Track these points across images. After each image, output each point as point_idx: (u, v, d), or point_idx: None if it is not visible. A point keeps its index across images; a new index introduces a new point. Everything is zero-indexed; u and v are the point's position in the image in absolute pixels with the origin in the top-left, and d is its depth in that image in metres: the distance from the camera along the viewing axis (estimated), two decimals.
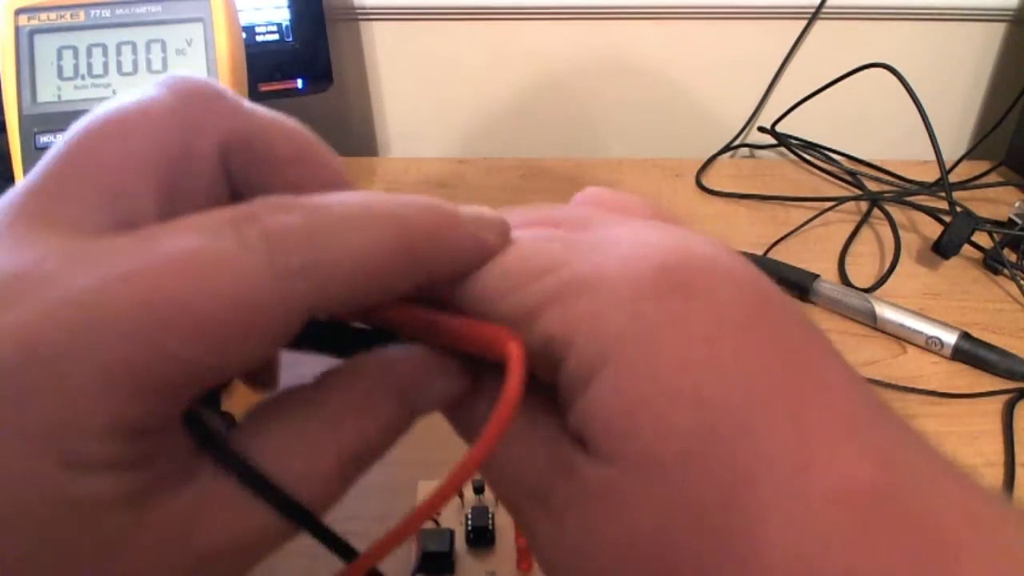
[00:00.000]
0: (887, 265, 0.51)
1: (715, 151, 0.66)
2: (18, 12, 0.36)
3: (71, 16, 0.36)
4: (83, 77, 0.37)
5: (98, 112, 0.17)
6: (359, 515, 0.34)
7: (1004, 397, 0.40)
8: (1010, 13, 0.63)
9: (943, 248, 0.50)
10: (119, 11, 0.37)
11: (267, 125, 0.18)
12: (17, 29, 0.36)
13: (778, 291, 0.18)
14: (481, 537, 0.30)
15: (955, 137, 0.69)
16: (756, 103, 0.68)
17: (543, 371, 0.17)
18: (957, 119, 0.69)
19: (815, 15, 0.63)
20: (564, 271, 0.17)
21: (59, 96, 0.36)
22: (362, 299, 0.16)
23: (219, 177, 0.17)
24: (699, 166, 0.63)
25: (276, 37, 0.55)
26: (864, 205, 0.57)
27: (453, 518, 0.31)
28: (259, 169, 0.18)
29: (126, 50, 0.37)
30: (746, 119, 0.69)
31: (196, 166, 0.17)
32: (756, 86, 0.67)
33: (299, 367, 0.18)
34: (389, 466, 0.29)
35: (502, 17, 0.65)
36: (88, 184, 0.16)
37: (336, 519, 0.35)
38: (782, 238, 0.54)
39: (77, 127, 0.17)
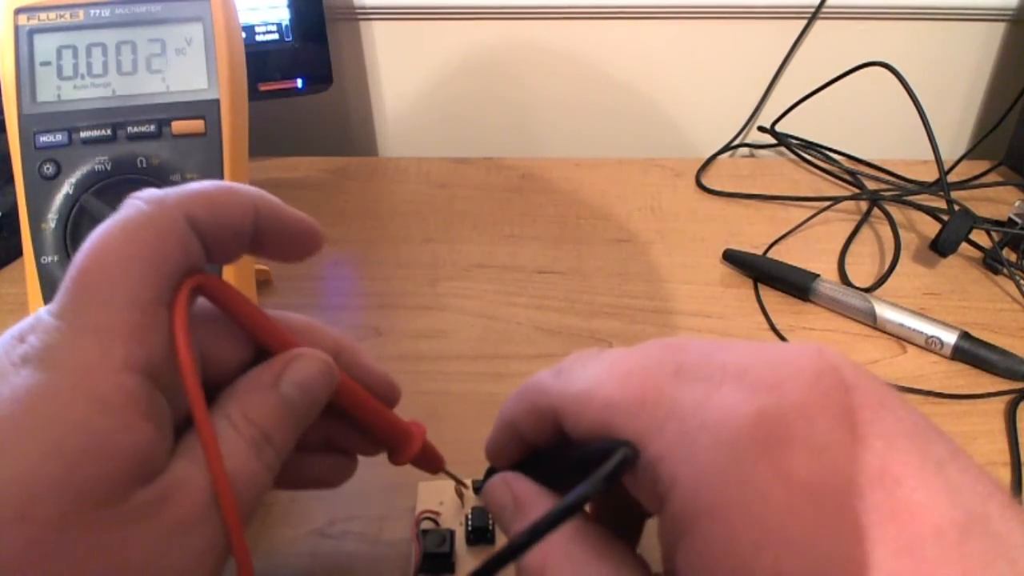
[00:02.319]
0: (887, 265, 0.51)
1: (715, 151, 0.66)
2: (17, 11, 0.36)
3: (70, 16, 0.36)
4: (82, 77, 0.36)
5: (97, 235, 0.20)
6: (359, 515, 0.34)
7: (1005, 397, 0.40)
8: (1010, 13, 0.63)
9: (941, 246, 0.50)
10: (119, 10, 0.37)
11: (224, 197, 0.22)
12: (16, 28, 0.36)
13: (877, 403, 0.18)
14: (481, 537, 0.30)
15: (955, 137, 0.70)
16: (756, 103, 0.68)
17: (648, 499, 0.19)
18: (957, 119, 0.69)
19: (815, 15, 0.63)
20: (664, 404, 0.19)
21: (59, 96, 0.36)
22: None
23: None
24: (699, 166, 0.63)
25: (276, 37, 0.55)
26: (864, 205, 0.57)
27: (453, 518, 0.31)
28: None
29: (125, 49, 0.37)
30: (746, 119, 0.69)
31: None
32: (756, 86, 0.67)
33: None
34: (389, 466, 0.29)
35: (503, 17, 0.65)
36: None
37: (337, 518, 0.35)
38: (782, 237, 0.54)
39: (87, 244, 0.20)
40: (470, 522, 0.30)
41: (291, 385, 0.22)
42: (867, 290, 0.48)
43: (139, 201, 0.20)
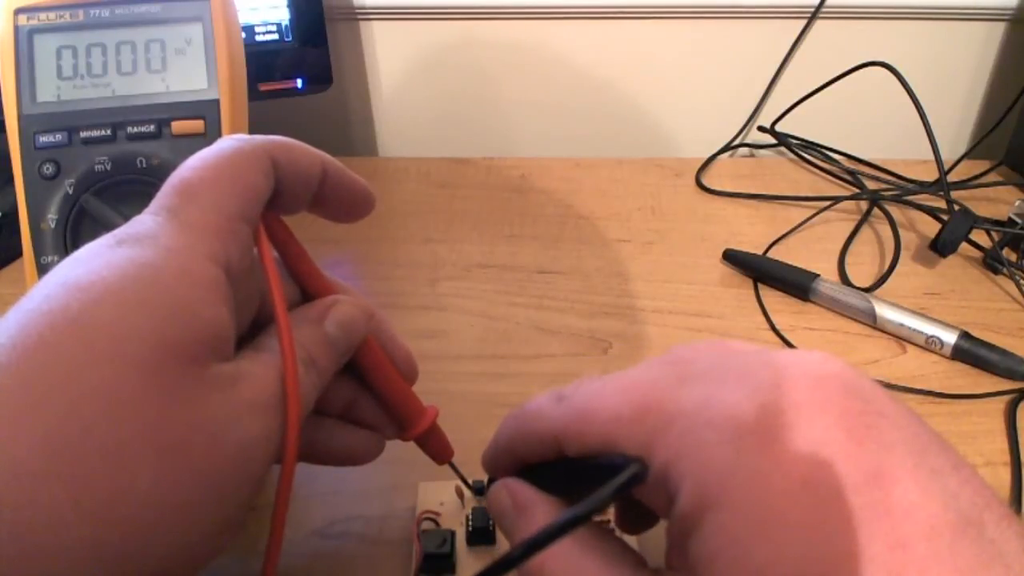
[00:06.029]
0: (887, 264, 0.51)
1: (715, 151, 0.66)
2: (17, 12, 0.36)
3: (70, 16, 0.36)
4: (82, 77, 0.36)
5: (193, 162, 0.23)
6: (360, 515, 0.34)
7: (1005, 397, 0.40)
8: (1010, 12, 0.63)
9: (940, 246, 0.50)
10: (118, 11, 0.37)
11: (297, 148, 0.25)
12: (16, 29, 0.36)
13: (876, 411, 0.18)
14: (482, 537, 0.30)
15: (955, 136, 0.70)
16: (756, 103, 0.68)
17: (657, 503, 0.19)
18: (957, 118, 0.69)
19: (815, 14, 0.63)
20: (668, 408, 0.19)
21: (58, 96, 0.36)
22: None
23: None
24: (699, 166, 0.63)
25: (275, 37, 0.55)
26: (864, 204, 0.57)
27: (454, 519, 0.31)
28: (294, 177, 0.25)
29: (125, 50, 0.37)
30: (746, 119, 0.69)
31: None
32: (756, 86, 0.67)
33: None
34: (389, 466, 0.29)
35: (503, 17, 0.65)
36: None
37: (337, 519, 0.35)
38: (782, 237, 0.54)
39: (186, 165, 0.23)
40: (471, 522, 0.30)
41: (334, 324, 0.25)
42: (867, 290, 0.48)
43: (231, 139, 0.23)
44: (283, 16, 0.55)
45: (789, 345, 0.44)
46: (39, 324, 0.18)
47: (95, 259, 0.20)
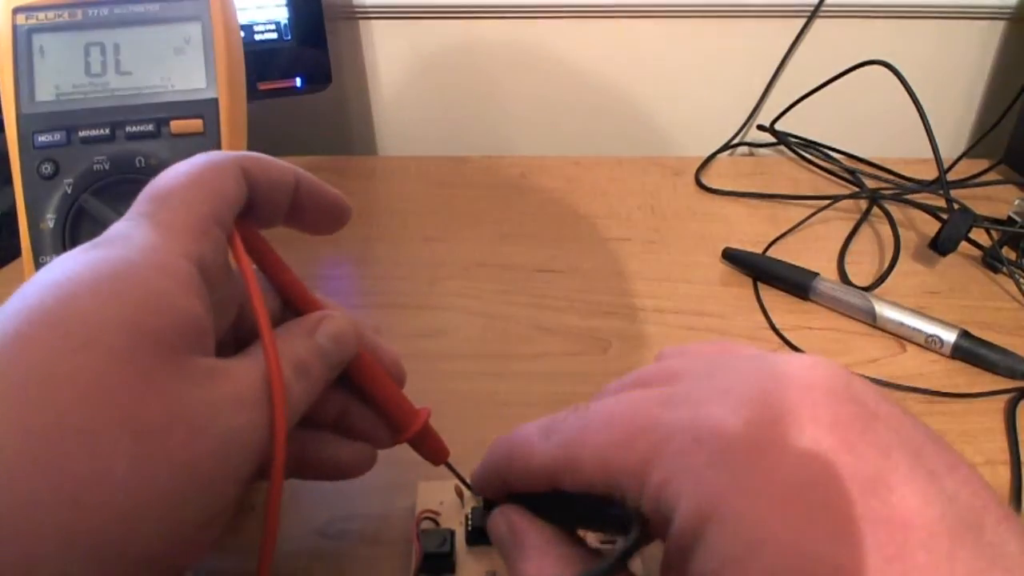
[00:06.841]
0: (886, 263, 0.51)
1: (715, 150, 0.66)
2: (16, 11, 0.36)
3: (69, 15, 0.36)
4: (81, 76, 0.36)
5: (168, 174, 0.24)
6: (359, 514, 0.34)
7: (1004, 396, 0.40)
8: (1009, 11, 0.63)
9: (940, 244, 0.50)
10: (117, 10, 0.37)
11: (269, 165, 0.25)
12: (15, 28, 0.36)
13: (869, 414, 0.18)
14: (482, 537, 0.30)
15: (954, 135, 0.70)
16: (755, 101, 0.68)
17: (656, 524, 0.19)
18: (956, 117, 0.69)
19: (814, 13, 0.63)
20: (657, 431, 0.19)
21: (57, 95, 0.36)
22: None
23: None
24: (699, 164, 0.63)
25: (275, 36, 0.55)
26: (863, 203, 0.57)
27: (453, 518, 0.31)
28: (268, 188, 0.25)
29: (124, 49, 0.37)
30: (745, 117, 0.69)
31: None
32: (755, 84, 0.67)
33: None
34: (389, 466, 0.29)
35: (503, 16, 0.65)
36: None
37: (337, 517, 0.35)
38: (781, 236, 0.54)
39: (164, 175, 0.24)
40: (470, 522, 0.30)
41: (326, 337, 0.25)
42: (867, 289, 0.48)
43: (203, 154, 0.24)
44: (282, 15, 0.55)
45: (789, 344, 0.44)
46: (15, 320, 0.19)
47: (69, 261, 0.20)
